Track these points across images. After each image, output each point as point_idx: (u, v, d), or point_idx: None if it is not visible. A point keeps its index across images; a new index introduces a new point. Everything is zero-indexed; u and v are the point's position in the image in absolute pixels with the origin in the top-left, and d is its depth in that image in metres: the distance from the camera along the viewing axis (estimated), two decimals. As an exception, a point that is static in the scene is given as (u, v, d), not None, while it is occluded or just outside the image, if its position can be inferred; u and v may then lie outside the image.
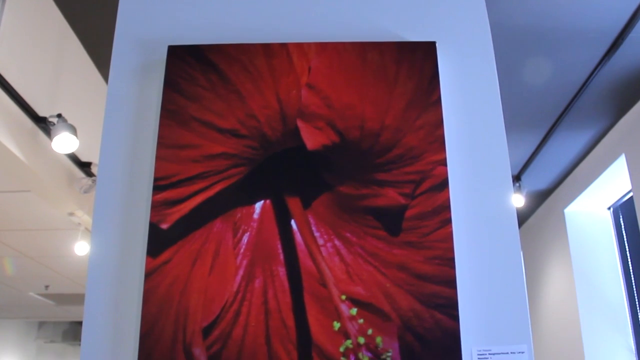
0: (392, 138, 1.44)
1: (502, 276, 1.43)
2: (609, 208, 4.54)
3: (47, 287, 6.01)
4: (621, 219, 4.39)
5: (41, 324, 8.87)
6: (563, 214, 4.68)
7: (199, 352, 1.29)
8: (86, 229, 4.14)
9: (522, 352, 1.39)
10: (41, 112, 3.10)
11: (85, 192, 3.54)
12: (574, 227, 4.68)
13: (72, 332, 8.76)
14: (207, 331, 1.31)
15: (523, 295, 1.42)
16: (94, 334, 1.36)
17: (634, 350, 4.31)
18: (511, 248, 1.46)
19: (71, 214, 3.92)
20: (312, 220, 1.38)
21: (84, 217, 3.97)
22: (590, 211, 4.64)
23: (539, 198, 4.97)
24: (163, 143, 1.45)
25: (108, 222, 1.45)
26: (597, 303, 4.48)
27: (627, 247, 4.32)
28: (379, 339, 1.31)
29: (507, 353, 1.38)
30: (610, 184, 4.12)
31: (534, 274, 5.25)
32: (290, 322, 1.31)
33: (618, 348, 4.43)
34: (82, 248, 4.18)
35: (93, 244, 1.43)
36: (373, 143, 1.44)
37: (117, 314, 1.37)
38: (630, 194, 4.09)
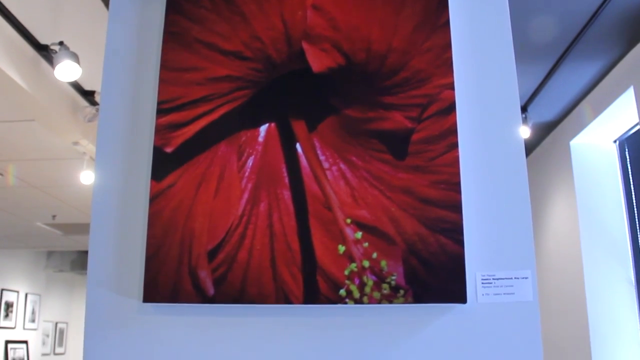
0: (399, 61, 1.41)
1: (507, 202, 1.42)
2: (615, 141, 4.51)
3: (54, 217, 6.06)
4: (627, 152, 4.37)
5: (50, 254, 9.00)
6: (569, 146, 4.66)
7: (204, 274, 1.30)
8: (91, 158, 4.14)
9: (526, 278, 1.39)
10: (43, 40, 3.06)
11: (90, 120, 3.53)
12: (579, 160, 4.66)
13: (81, 261, 8.90)
14: (212, 254, 1.31)
15: (528, 221, 1.42)
16: (100, 257, 1.37)
17: (633, 282, 4.36)
18: (518, 174, 1.45)
19: (76, 143, 3.92)
20: (317, 144, 1.37)
21: (89, 146, 3.98)
22: (596, 144, 4.61)
23: (545, 130, 4.94)
24: (166, 66, 1.43)
25: (112, 146, 1.44)
26: (599, 235, 4.51)
27: (631, 180, 4.31)
28: (383, 263, 1.31)
29: (511, 278, 1.39)
30: (618, 116, 4.08)
31: (537, 205, 5.26)
32: (295, 245, 1.32)
33: (618, 280, 4.47)
34: (87, 177, 4.20)
35: (97, 167, 1.43)
36: (380, 66, 1.41)
37: (123, 237, 1.38)
38: (637, 127, 4.06)
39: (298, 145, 1.37)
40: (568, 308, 4.79)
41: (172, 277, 1.31)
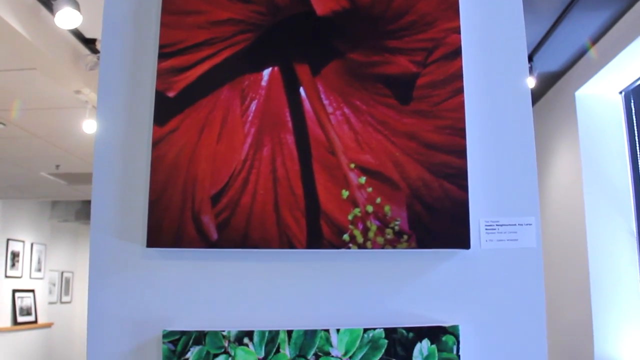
0: (404, 4, 1.38)
1: (512, 148, 1.42)
2: (620, 92, 4.46)
3: (57, 166, 6.07)
4: (632, 104, 4.33)
5: (54, 204, 9.04)
6: (574, 96, 4.62)
7: (207, 219, 1.30)
8: (93, 106, 4.12)
9: (530, 225, 1.39)
10: (42, -14, 3.01)
11: (91, 69, 3.50)
12: (583, 110, 4.63)
13: (85, 211, 8.94)
14: (215, 199, 1.31)
15: (533, 167, 1.42)
16: (103, 202, 1.37)
17: (635, 233, 4.37)
18: (523, 120, 1.44)
19: (78, 92, 3.90)
20: (321, 88, 1.35)
21: (91, 95, 3.96)
22: (602, 95, 4.57)
23: (550, 80, 4.89)
24: (167, 9, 1.40)
25: (114, 92, 1.42)
26: (602, 186, 4.50)
27: (636, 132, 4.29)
28: (387, 208, 1.31)
29: (515, 225, 1.39)
30: (624, 67, 4.03)
31: (541, 155, 5.25)
32: (299, 190, 1.31)
33: (620, 231, 4.49)
34: (90, 126, 4.18)
35: (99, 112, 1.41)
36: (385, 9, 1.38)
37: (126, 183, 1.37)
38: (644, 78, 4.02)
39: (302, 90, 1.35)
40: (569, 258, 4.82)
41: (175, 222, 1.30)
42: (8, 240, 8.06)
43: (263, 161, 1.32)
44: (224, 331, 1.28)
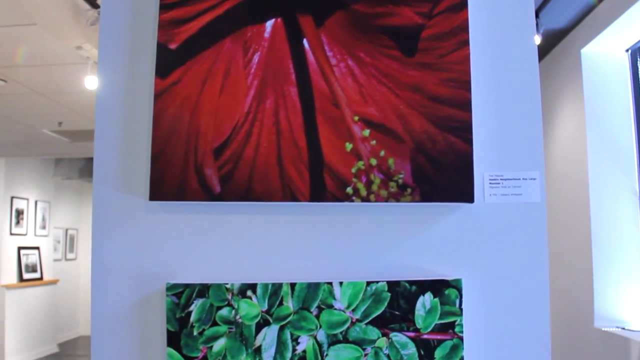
0: (410, -47, 1.36)
1: (518, 101, 1.40)
2: (627, 50, 4.41)
3: (60, 124, 6.05)
4: (638, 62, 4.28)
5: (57, 162, 9.03)
6: (579, 54, 4.57)
7: (210, 172, 1.30)
8: (95, 62, 4.09)
9: (534, 179, 1.38)
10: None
11: (92, 24, 3.46)
12: (589, 68, 4.58)
13: (89, 168, 8.94)
14: (218, 152, 1.30)
15: (538, 122, 1.40)
16: (106, 155, 1.36)
17: (638, 193, 4.36)
18: (529, 74, 1.42)
19: (79, 48, 3.86)
20: (324, 40, 1.33)
21: (92, 51, 3.92)
22: (608, 52, 4.52)
23: (556, 37, 4.83)
24: (168, -41, 1.37)
25: (115, 44, 1.40)
26: (606, 144, 4.48)
27: (641, 90, 4.26)
28: (391, 161, 1.30)
29: (519, 179, 1.38)
30: (631, 25, 3.98)
31: (545, 113, 5.22)
32: (302, 142, 1.30)
33: (623, 190, 4.48)
34: (92, 82, 4.15)
35: (100, 66, 1.40)
36: (390, -42, 1.35)
37: (128, 136, 1.36)
38: (652, 35, 3.96)
39: (305, 41, 1.33)
40: (571, 216, 4.82)
41: (178, 175, 1.30)
42: (12, 198, 8.09)
43: (266, 114, 1.31)
44: (227, 284, 1.29)
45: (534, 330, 1.35)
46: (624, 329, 4.42)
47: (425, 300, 1.30)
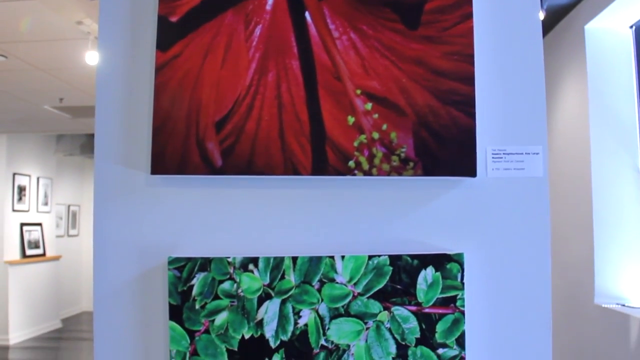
0: None
1: (521, 76, 1.39)
2: (631, 26, 4.38)
3: (61, 99, 6.03)
4: (643, 38, 4.26)
5: (59, 138, 9.02)
6: (583, 30, 4.54)
7: (212, 146, 1.29)
8: (95, 38, 4.06)
9: (537, 154, 1.38)
10: None
11: (92, -2, 3.43)
12: (593, 45, 4.55)
13: (90, 145, 8.93)
14: (220, 125, 1.30)
15: (542, 96, 1.39)
16: (107, 129, 1.36)
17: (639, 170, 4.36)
18: (533, 47, 1.40)
19: (79, 23, 3.83)
20: (327, 12, 1.32)
21: (93, 26, 3.89)
22: (611, 29, 4.49)
23: (560, 13, 4.80)
24: None
25: (115, 17, 1.39)
26: (609, 121, 4.47)
27: (645, 66, 4.23)
28: (393, 135, 1.30)
29: (522, 154, 1.38)
30: (635, 1, 3.94)
31: (548, 89, 5.19)
32: (304, 116, 1.30)
33: (625, 167, 4.47)
34: (92, 58, 4.13)
35: (101, 39, 1.38)
36: None
37: (129, 110, 1.35)
38: (656, 11, 3.93)
39: (307, 14, 1.32)
40: (573, 192, 4.82)
41: (179, 149, 1.29)
42: (14, 174, 8.09)
43: (268, 87, 1.30)
44: (229, 258, 1.29)
45: (535, 305, 1.36)
46: (624, 305, 4.43)
47: (427, 274, 1.30)
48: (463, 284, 1.31)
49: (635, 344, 4.02)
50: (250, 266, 1.29)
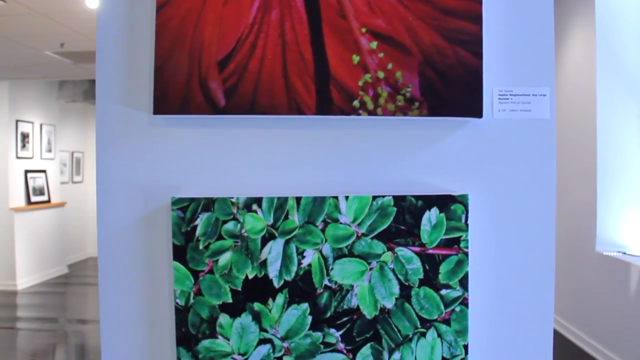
0: None
1: (529, 15, 1.36)
2: (642, -29, 4.30)
3: (62, 45, 5.97)
4: (655, -18, 4.17)
5: (61, 84, 8.96)
6: (593, -25, 4.46)
7: (215, 85, 1.27)
8: (96, -20, 3.99)
9: (544, 95, 1.36)
10: None
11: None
12: (602, -10, 4.48)
13: (93, 91, 8.84)
14: (222, 64, 1.28)
15: (550, 37, 1.37)
16: (108, 70, 1.34)
17: (646, 117, 4.34)
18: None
19: (79, -35, 3.76)
20: (332, -53, 1.28)
21: (93, -32, 3.82)
22: (622, -27, 4.41)
23: (570, -43, 4.70)
24: None
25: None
26: (616, 69, 4.42)
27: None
28: (398, 74, 1.28)
29: (529, 95, 1.36)
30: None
31: (556, 32, 5.14)
32: (308, 54, 1.27)
33: (631, 115, 4.44)
34: (93, 0, 4.07)
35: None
36: None
37: (130, 50, 1.33)
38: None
39: (311, -51, 1.29)
40: (577, 139, 4.80)
41: (182, 89, 1.28)
42: (17, 121, 8.07)
43: (271, 25, 1.27)
44: (232, 198, 1.29)
45: (539, 247, 1.36)
46: (625, 253, 4.46)
47: (431, 215, 1.30)
48: (467, 225, 1.30)
49: (635, 292, 4.06)
50: (254, 206, 1.28)
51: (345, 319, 1.30)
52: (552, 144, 1.36)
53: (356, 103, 1.27)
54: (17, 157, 8.09)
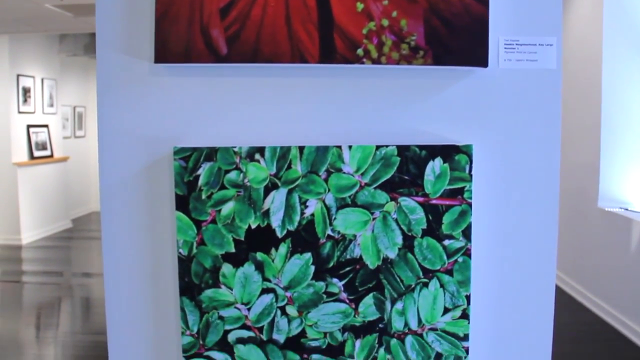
0: None
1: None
2: None
3: (62, -3, 5.90)
4: None
5: (62, 38, 8.88)
6: None
7: (217, 33, 1.25)
8: None
9: (551, 45, 1.34)
10: None
11: None
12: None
13: (94, 45, 8.78)
14: (224, 11, 1.25)
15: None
16: (108, 17, 1.32)
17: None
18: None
19: None
20: None
21: None
22: None
23: None
24: None
25: None
26: (623, 24, 4.37)
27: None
28: (403, 22, 1.25)
29: (535, 45, 1.34)
30: None
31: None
32: (312, 2, 1.25)
33: (636, 72, 4.40)
34: (93, -48, 4.01)
35: None
36: None
37: (131, -4, 1.31)
38: None
39: None
40: (582, 94, 4.77)
41: (183, 37, 1.26)
42: (18, 76, 8.02)
43: (274, -30, 1.25)
44: (235, 147, 1.28)
45: (543, 198, 1.35)
46: (627, 209, 4.46)
47: (435, 166, 1.29)
48: (471, 175, 1.30)
49: (636, 248, 4.07)
50: (257, 156, 1.28)
51: (348, 268, 1.30)
52: (558, 95, 1.34)
53: (360, 51, 1.25)
54: (19, 112, 8.07)
